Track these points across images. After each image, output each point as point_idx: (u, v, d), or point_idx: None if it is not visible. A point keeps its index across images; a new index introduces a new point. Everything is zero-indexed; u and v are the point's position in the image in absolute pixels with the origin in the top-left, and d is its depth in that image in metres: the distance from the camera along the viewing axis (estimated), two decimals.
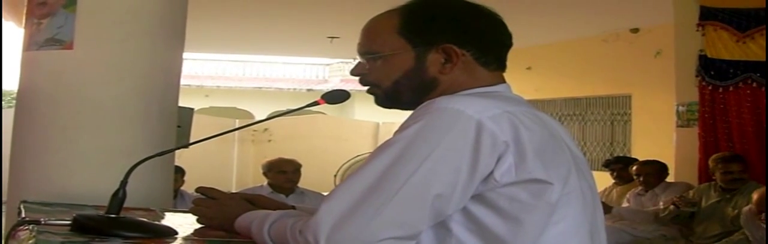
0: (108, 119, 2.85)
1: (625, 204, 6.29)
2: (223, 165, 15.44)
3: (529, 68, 10.69)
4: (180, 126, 7.21)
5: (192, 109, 8.74)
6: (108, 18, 2.88)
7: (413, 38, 1.60)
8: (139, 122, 2.91)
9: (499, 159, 1.41)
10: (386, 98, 1.68)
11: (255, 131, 15.36)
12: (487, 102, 1.48)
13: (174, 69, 3.11)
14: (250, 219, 1.63)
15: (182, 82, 3.11)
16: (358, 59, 1.70)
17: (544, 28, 9.38)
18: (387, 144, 1.44)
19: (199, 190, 1.92)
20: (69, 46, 2.82)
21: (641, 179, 6.12)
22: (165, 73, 3.04)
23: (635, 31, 9.62)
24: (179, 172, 5.61)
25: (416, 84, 1.62)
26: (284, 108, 22.93)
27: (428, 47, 1.59)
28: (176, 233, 1.75)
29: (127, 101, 2.89)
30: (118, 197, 1.74)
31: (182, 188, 5.68)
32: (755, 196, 4.86)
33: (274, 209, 1.73)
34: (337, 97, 1.85)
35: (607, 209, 5.76)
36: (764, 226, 4.67)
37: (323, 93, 1.85)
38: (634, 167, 6.22)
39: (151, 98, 2.95)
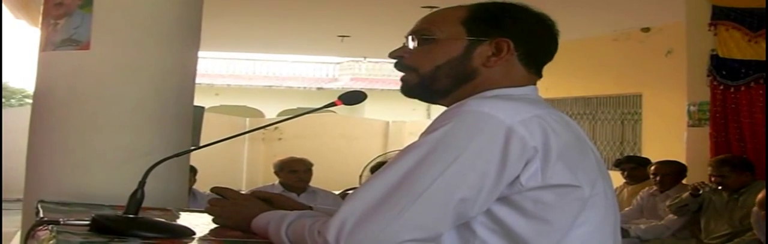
0: (124, 119, 2.86)
1: (635, 204, 6.27)
2: (233, 163, 15.49)
3: None
4: (191, 125, 7.24)
5: (203, 107, 8.77)
6: (124, 18, 2.90)
7: (473, 28, 1.62)
8: (156, 121, 2.92)
9: (526, 164, 1.41)
10: (419, 84, 1.66)
11: (265, 129, 15.39)
12: (517, 105, 1.48)
13: (189, 69, 3.13)
14: (267, 219, 1.63)
15: None
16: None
17: None
18: (414, 146, 1.44)
19: (214, 190, 1.92)
20: (85, 46, 2.83)
21: (658, 179, 6.04)
22: (181, 73, 3.05)
23: (646, 30, 9.60)
24: (191, 171, 5.61)
25: (456, 72, 1.62)
26: (294, 107, 22.97)
27: (483, 39, 1.61)
28: (194, 233, 1.76)
29: (144, 101, 2.90)
30: (137, 198, 1.75)
31: (194, 187, 5.69)
32: (760, 196, 4.84)
33: (292, 209, 1.74)
34: (355, 98, 1.85)
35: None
36: None
37: (340, 94, 1.85)
38: (653, 167, 6.17)
39: (167, 98, 2.96)
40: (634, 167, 6.68)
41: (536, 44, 1.66)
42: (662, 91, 9.16)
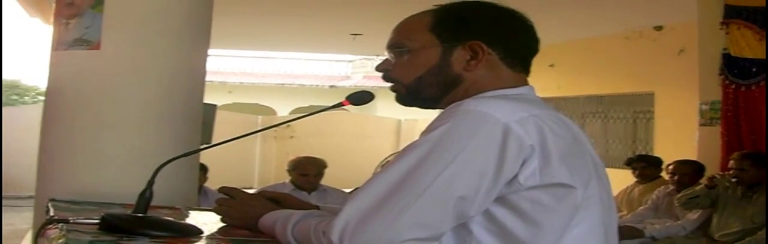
0: (134, 118, 2.88)
1: (650, 203, 6.25)
2: (245, 161, 15.54)
3: (551, 66, 10.65)
4: (203, 122, 7.26)
5: (215, 105, 8.78)
6: (135, 18, 2.91)
7: (443, 34, 1.62)
8: (166, 120, 2.93)
9: (524, 163, 1.41)
10: (408, 95, 1.68)
11: (277, 127, 15.41)
12: (514, 105, 1.49)
13: (199, 68, 3.14)
14: (274, 219, 1.65)
15: (206, 78, 3.15)
16: (385, 56, 1.71)
17: (566, 25, 9.34)
18: (412, 146, 1.45)
19: (222, 190, 1.95)
20: (96, 46, 2.85)
21: (676, 178, 6.04)
22: (191, 72, 3.07)
23: (659, 28, 9.57)
24: (202, 169, 5.62)
25: (440, 80, 1.63)
26: (307, 104, 22.97)
27: (456, 44, 1.61)
28: (201, 232, 1.77)
29: (154, 100, 2.91)
30: (146, 197, 1.77)
31: (205, 185, 5.71)
32: None
33: (299, 209, 1.75)
34: (362, 98, 1.86)
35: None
36: None
37: (348, 94, 1.86)
38: (671, 166, 6.16)
39: (177, 97, 2.97)
40: (645, 166, 6.68)
41: (512, 41, 1.65)
42: (675, 89, 9.13)
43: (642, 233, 5.72)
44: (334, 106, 1.89)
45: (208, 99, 3.37)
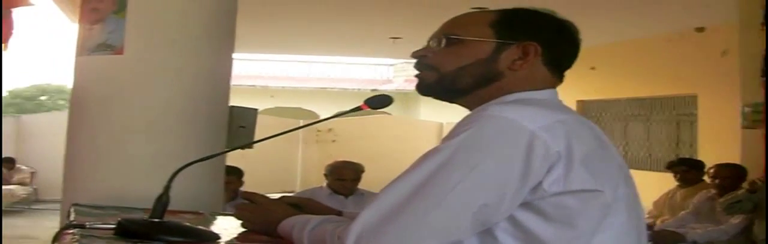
0: (158, 122, 2.90)
1: (692, 207, 6.15)
2: (287, 165, 15.57)
3: (593, 68, 10.56)
4: (244, 126, 7.27)
5: (256, 109, 8.79)
6: (157, 23, 2.94)
7: (502, 31, 1.63)
8: (189, 124, 2.95)
9: (549, 169, 1.40)
10: (436, 82, 1.67)
11: (319, 131, 15.44)
12: (539, 111, 1.48)
13: (223, 71, 3.15)
14: (292, 224, 1.66)
15: (247, 82, 3.16)
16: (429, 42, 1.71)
17: (608, 27, 9.27)
18: (434, 151, 1.44)
19: (243, 195, 1.96)
20: (119, 51, 2.88)
21: (717, 182, 5.94)
22: (214, 75, 3.08)
23: (700, 30, 9.45)
24: (237, 173, 5.65)
25: (481, 73, 1.62)
26: (349, 108, 23.00)
27: (512, 42, 1.62)
28: (218, 237, 1.78)
29: (176, 105, 2.93)
30: (162, 202, 1.78)
31: (241, 189, 5.72)
32: None
33: (320, 214, 1.75)
34: (380, 102, 1.87)
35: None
36: None
37: (366, 98, 1.86)
38: (712, 170, 6.08)
39: (200, 101, 2.99)
40: (687, 169, 6.59)
41: (561, 50, 1.66)
42: (718, 92, 9.00)
43: (684, 238, 5.64)
44: (352, 110, 1.89)
45: (250, 103, 3.38)
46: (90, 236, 1.65)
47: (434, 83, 1.68)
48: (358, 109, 1.87)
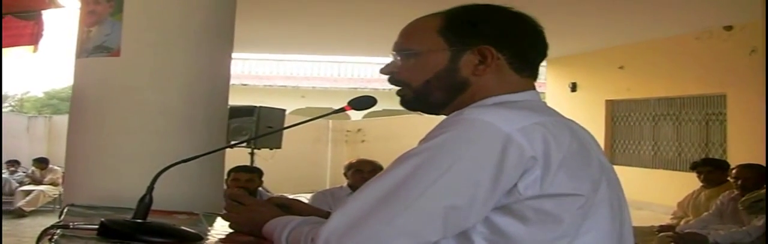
0: (154, 124, 2.91)
1: (714, 208, 6.08)
2: (317, 165, 15.62)
3: (621, 67, 10.48)
4: (271, 126, 7.29)
5: (283, 110, 8.80)
6: (153, 25, 2.95)
7: (452, 38, 1.58)
8: (187, 125, 2.96)
9: (524, 173, 1.37)
10: (414, 99, 1.64)
11: (348, 131, 15.48)
12: (517, 113, 1.45)
13: (221, 72, 3.16)
14: (275, 225, 1.65)
15: (279, 83, 3.15)
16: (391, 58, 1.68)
17: (636, 26, 9.20)
18: (409, 154, 1.42)
19: (231, 197, 1.96)
20: (116, 53, 2.90)
21: (739, 183, 5.85)
22: (211, 77, 3.09)
23: (729, 28, 9.34)
24: (256, 172, 5.70)
25: (447, 84, 1.59)
26: (380, 108, 22.99)
27: (465, 48, 1.57)
28: (201, 238, 1.78)
29: (173, 106, 2.94)
30: (145, 202, 1.79)
31: (261, 188, 5.76)
32: None
33: (309, 215, 1.75)
34: (364, 103, 1.85)
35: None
36: None
37: (350, 99, 1.86)
38: (733, 170, 6.00)
39: (198, 102, 3.00)
40: (711, 170, 6.48)
41: (521, 45, 1.60)
42: (747, 90, 8.89)
43: (706, 240, 5.57)
44: (336, 112, 1.89)
45: (281, 103, 3.39)
46: (72, 236, 1.65)
47: (413, 100, 1.65)
48: (341, 110, 1.86)
